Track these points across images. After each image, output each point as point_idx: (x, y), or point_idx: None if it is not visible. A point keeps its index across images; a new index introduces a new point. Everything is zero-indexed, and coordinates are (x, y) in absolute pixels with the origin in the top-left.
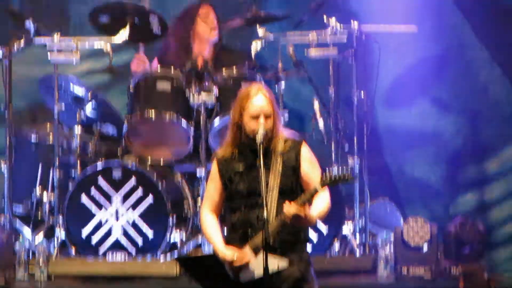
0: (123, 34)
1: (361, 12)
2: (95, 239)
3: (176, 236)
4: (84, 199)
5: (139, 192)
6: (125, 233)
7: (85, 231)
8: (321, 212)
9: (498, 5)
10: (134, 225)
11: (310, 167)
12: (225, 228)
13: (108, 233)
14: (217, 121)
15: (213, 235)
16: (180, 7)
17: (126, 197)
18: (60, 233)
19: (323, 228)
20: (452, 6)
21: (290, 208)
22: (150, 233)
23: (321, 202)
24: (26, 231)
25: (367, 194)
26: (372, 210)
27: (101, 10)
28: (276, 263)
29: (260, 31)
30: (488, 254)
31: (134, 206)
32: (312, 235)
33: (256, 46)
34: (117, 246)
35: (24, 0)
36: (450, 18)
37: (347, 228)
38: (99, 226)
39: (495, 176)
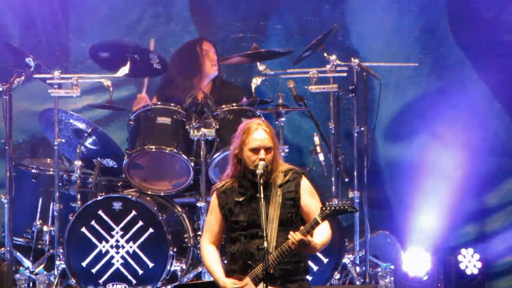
0: (124, 70)
1: (362, 50)
2: (95, 270)
3: (176, 267)
4: (85, 231)
5: (139, 224)
6: (126, 264)
7: (86, 262)
8: (323, 241)
9: (498, 42)
10: (134, 256)
11: (309, 198)
12: (225, 259)
13: (109, 264)
14: (217, 154)
15: (213, 265)
16: (179, 44)
17: (126, 229)
18: (60, 264)
19: (324, 259)
20: (453, 43)
21: (295, 234)
22: (150, 264)
23: (322, 232)
24: (27, 261)
25: (367, 227)
26: (373, 242)
27: (101, 47)
28: None
29: (261, 67)
30: (488, 285)
31: (135, 238)
32: (313, 265)
33: (256, 81)
34: (117, 276)
35: (24, 36)
36: (450, 55)
37: (347, 259)
38: (99, 257)
39: (494, 208)
